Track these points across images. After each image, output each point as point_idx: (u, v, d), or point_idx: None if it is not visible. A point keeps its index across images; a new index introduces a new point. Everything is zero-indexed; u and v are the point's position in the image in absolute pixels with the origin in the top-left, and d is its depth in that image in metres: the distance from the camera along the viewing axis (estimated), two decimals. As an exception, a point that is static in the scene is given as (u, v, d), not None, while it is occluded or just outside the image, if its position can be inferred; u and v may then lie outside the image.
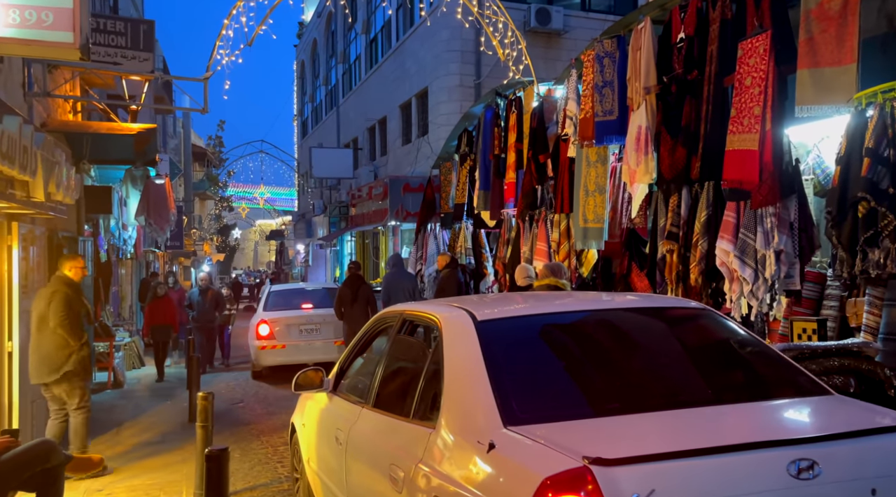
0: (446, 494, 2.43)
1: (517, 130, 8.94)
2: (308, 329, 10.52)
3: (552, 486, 2.01)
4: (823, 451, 2.21)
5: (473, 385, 2.64)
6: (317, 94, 33.11)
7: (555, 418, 2.45)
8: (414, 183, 16.32)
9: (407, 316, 3.58)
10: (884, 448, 2.32)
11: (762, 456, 2.17)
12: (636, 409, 2.55)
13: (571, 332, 3.12)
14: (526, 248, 8.17)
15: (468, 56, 16.51)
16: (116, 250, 13.14)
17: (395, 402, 3.20)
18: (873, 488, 2.21)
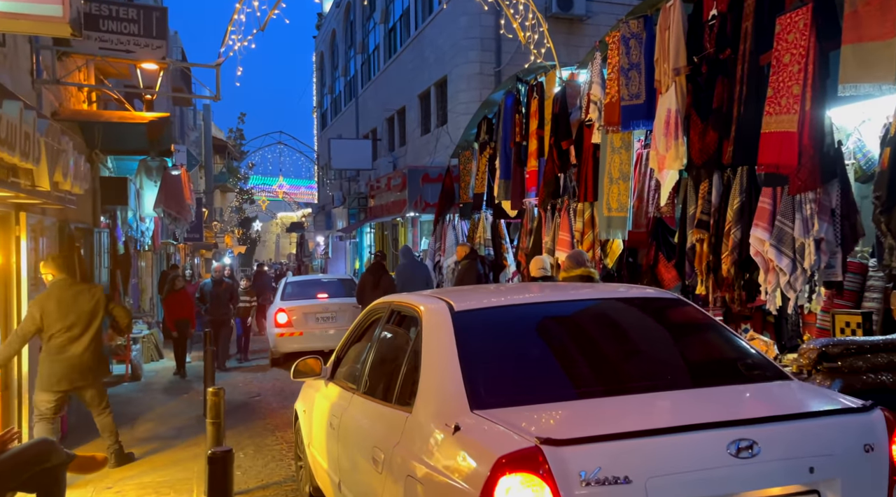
0: (418, 474, 2.60)
1: (539, 117, 8.65)
2: (324, 317, 10.92)
3: (507, 463, 2.21)
4: (763, 431, 2.36)
5: (446, 372, 2.80)
6: (336, 86, 32.97)
7: (518, 403, 2.63)
8: (433, 173, 16.07)
9: (395, 306, 3.73)
10: (822, 429, 2.46)
11: (703, 436, 2.33)
12: (594, 394, 2.75)
13: (539, 322, 3.27)
14: (548, 239, 7.90)
15: (487, 43, 16.19)
16: (134, 242, 13.09)
17: (381, 389, 3.38)
18: (811, 467, 2.36)
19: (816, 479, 2.38)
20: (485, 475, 2.23)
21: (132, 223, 12.37)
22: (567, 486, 2.18)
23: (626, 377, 2.94)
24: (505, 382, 2.83)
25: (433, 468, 2.54)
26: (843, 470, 2.41)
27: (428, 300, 3.37)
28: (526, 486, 2.19)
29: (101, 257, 9.86)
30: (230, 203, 45.15)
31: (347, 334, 4.40)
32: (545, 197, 8.02)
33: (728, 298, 5.41)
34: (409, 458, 2.71)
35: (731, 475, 2.30)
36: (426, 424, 2.73)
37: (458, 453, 2.46)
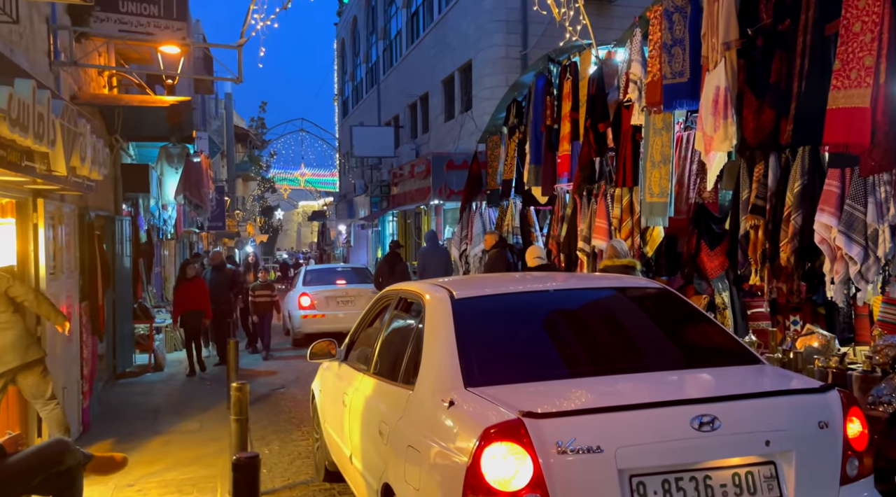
0: (417, 443, 2.89)
1: (572, 98, 8.27)
2: (344, 301, 12.00)
3: (493, 434, 2.49)
4: (724, 408, 2.60)
5: (444, 353, 3.08)
6: (357, 73, 32.64)
7: (507, 381, 2.90)
8: (458, 160, 15.72)
9: (403, 293, 4.02)
10: (779, 406, 2.70)
11: (668, 411, 2.58)
12: (575, 374, 3.03)
13: (532, 309, 3.53)
14: (584, 226, 7.54)
15: (514, 26, 15.74)
16: (157, 230, 12.94)
17: (388, 369, 3.65)
18: (767, 440, 2.59)
19: (772, 451, 2.61)
20: (474, 443, 2.52)
21: (154, 211, 12.20)
22: (545, 453, 2.46)
23: (606, 359, 3.24)
24: (496, 363, 3.11)
25: (430, 438, 2.83)
26: (798, 443, 2.64)
27: (431, 288, 3.63)
28: (509, 453, 2.48)
29: (122, 246, 9.68)
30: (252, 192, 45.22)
31: (360, 319, 4.72)
32: (580, 182, 7.65)
33: (786, 289, 5.02)
34: (410, 429, 3.02)
35: (694, 446, 2.55)
36: (425, 400, 3.02)
37: (452, 425, 2.76)
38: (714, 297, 7.36)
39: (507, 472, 2.47)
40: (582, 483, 2.49)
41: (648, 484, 2.52)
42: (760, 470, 2.61)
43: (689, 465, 2.56)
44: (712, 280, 7.35)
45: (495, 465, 2.48)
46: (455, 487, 2.55)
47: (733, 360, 3.20)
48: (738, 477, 2.58)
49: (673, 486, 2.54)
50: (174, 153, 10.88)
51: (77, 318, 6.41)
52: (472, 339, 3.13)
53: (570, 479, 2.48)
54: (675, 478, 2.54)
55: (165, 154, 10.86)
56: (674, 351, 3.38)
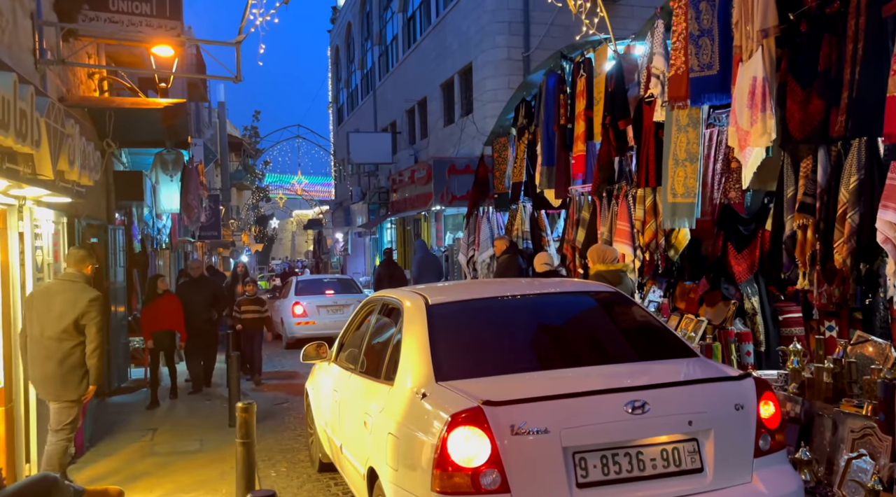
0: (395, 430, 3.30)
1: (587, 96, 7.90)
2: (332, 309, 13.05)
3: (457, 419, 2.88)
4: (653, 394, 3.02)
5: (419, 352, 3.50)
6: (352, 79, 32.30)
7: (472, 375, 3.31)
8: (460, 164, 15.36)
9: (385, 300, 4.45)
10: (701, 392, 3.14)
11: (606, 398, 3.00)
12: (531, 368, 3.49)
13: (497, 313, 3.90)
14: (604, 229, 7.15)
15: (516, 27, 15.42)
16: (151, 240, 12.50)
17: (373, 367, 4.04)
18: (690, 420, 3.01)
19: (694, 430, 3.03)
20: (442, 428, 2.91)
21: (148, 220, 11.78)
22: (501, 435, 2.85)
23: (558, 355, 3.69)
24: (463, 360, 3.52)
25: (406, 425, 3.23)
26: (717, 423, 3.05)
27: (409, 295, 4.08)
28: (471, 435, 2.86)
29: (116, 256, 9.25)
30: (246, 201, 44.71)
31: (348, 323, 5.18)
32: (600, 183, 7.27)
33: (840, 294, 4.64)
34: (390, 419, 3.41)
35: (628, 427, 2.95)
36: (403, 393, 3.42)
37: (424, 413, 3.15)
38: (743, 302, 6.98)
39: (469, 451, 2.87)
40: (532, 459, 2.89)
41: (589, 459, 2.94)
42: (684, 446, 3.04)
43: (624, 442, 2.97)
44: (740, 284, 6.98)
45: (459, 445, 2.88)
46: (427, 465, 2.96)
47: (669, 353, 3.66)
48: (665, 452, 3.01)
49: (610, 460, 2.95)
50: (169, 160, 10.45)
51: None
52: (443, 339, 3.57)
53: (522, 456, 2.88)
54: (612, 453, 2.96)
55: (160, 161, 10.43)
56: (618, 347, 3.87)
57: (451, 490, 2.88)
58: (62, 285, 4.89)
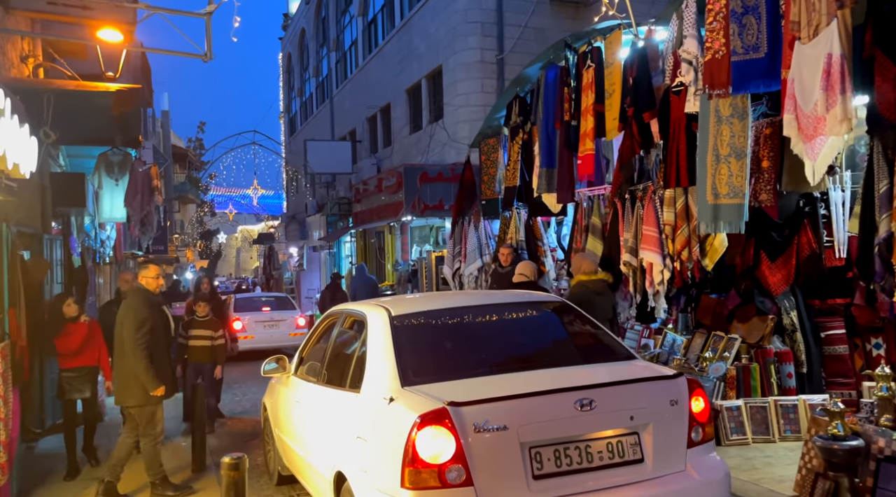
0: (364, 434, 3.57)
1: (596, 89, 7.15)
2: (269, 324, 14.25)
3: (424, 420, 3.14)
4: (599, 392, 3.38)
5: (384, 361, 3.76)
6: (306, 88, 31.12)
7: (436, 380, 3.57)
8: (432, 172, 14.47)
9: (347, 312, 4.67)
10: (640, 390, 3.51)
11: (558, 397, 3.33)
12: (490, 372, 3.72)
13: (456, 322, 4.16)
14: (628, 235, 6.36)
15: (489, 28, 14.71)
16: (92, 253, 11.13)
17: (337, 377, 4.22)
18: (631, 415, 3.38)
19: (635, 424, 3.38)
20: (409, 428, 3.15)
21: (89, 230, 10.44)
22: (464, 433, 3.12)
23: (514, 360, 3.91)
24: (426, 366, 3.74)
25: (375, 428, 3.51)
26: (654, 417, 3.42)
27: (372, 308, 4.26)
28: (437, 434, 3.11)
29: (52, 270, 7.98)
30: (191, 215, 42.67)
31: (308, 336, 5.30)
32: (621, 183, 6.49)
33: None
34: (358, 424, 3.66)
35: (577, 423, 3.29)
36: (370, 399, 3.65)
37: (392, 416, 3.38)
38: (781, 317, 6.28)
39: (436, 449, 3.07)
40: (493, 455, 3.12)
41: (543, 453, 3.19)
42: (627, 438, 3.33)
43: (574, 437, 3.24)
44: (777, 297, 6.28)
45: (427, 444, 3.07)
46: (397, 464, 3.13)
47: (612, 357, 4.00)
48: (610, 445, 3.29)
49: (562, 453, 3.21)
50: (115, 161, 9.19)
51: (-9, 367, 4.77)
52: (406, 348, 3.78)
53: (484, 452, 3.10)
54: (564, 447, 3.22)
55: (105, 162, 9.16)
56: (566, 351, 4.20)
57: (420, 485, 3.08)
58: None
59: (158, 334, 5.44)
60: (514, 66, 14.60)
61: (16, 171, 4.24)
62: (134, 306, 5.38)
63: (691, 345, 6.64)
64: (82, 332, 6.30)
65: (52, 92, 5.70)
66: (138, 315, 5.31)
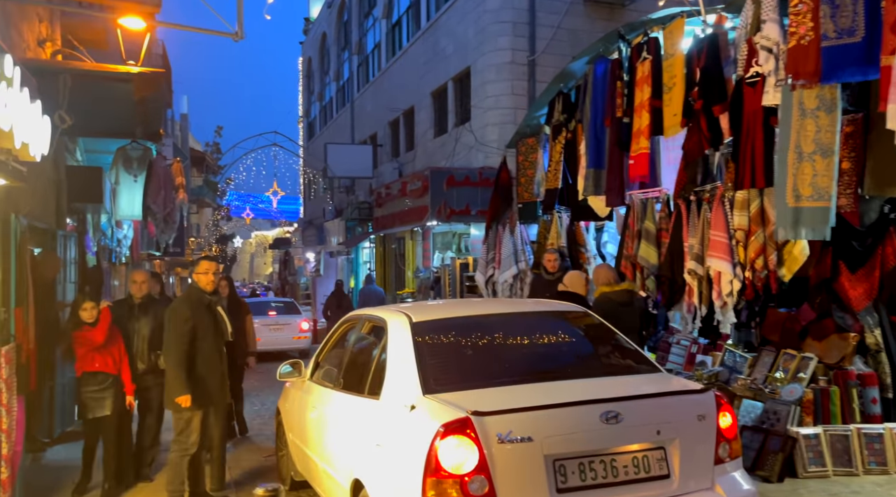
0: (384, 442, 3.50)
1: (653, 83, 6.61)
2: (275, 328, 14.54)
3: (446, 429, 3.07)
4: (626, 405, 3.29)
5: (405, 368, 3.68)
6: (326, 92, 30.79)
7: (458, 388, 3.48)
8: (459, 176, 13.95)
9: (366, 318, 4.67)
10: (667, 404, 3.46)
11: (583, 409, 3.24)
12: (513, 382, 3.62)
13: (477, 329, 4.07)
14: (694, 241, 5.78)
15: (521, 28, 14.20)
16: (108, 253, 10.70)
17: (355, 383, 4.20)
18: (658, 430, 3.30)
19: (662, 439, 3.30)
20: (431, 437, 3.08)
21: (106, 229, 10.01)
22: (488, 443, 3.05)
23: (537, 370, 3.87)
24: (448, 374, 3.68)
25: (395, 436, 3.44)
26: (681, 432, 3.34)
27: (392, 313, 4.25)
28: (459, 444, 3.04)
29: (66, 269, 7.52)
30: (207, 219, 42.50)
31: (325, 341, 5.21)
32: (686, 184, 5.93)
33: None
34: (377, 431, 3.62)
35: (602, 436, 3.21)
36: (391, 406, 3.60)
37: (413, 424, 3.31)
38: (864, 335, 5.66)
39: (458, 459, 3.05)
40: (517, 466, 3.09)
41: (568, 466, 3.16)
42: (653, 453, 3.30)
43: (599, 450, 3.21)
44: (859, 313, 5.68)
45: (449, 453, 3.05)
46: (417, 473, 3.10)
47: (637, 369, 3.90)
48: (636, 459, 3.26)
49: (587, 467, 3.18)
50: (134, 156, 8.75)
51: (-7, 372, 4.27)
52: (428, 355, 3.71)
53: (507, 463, 3.07)
54: (588, 460, 3.19)
55: (123, 157, 8.72)
56: (590, 362, 4.13)
57: (442, 496, 3.03)
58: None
59: (203, 337, 5.01)
60: (545, 67, 14.10)
61: (25, 153, 3.75)
62: (175, 306, 5.11)
63: (757, 363, 6.04)
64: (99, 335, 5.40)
65: (69, 72, 5.24)
66: (177, 314, 5.00)
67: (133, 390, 5.54)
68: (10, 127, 3.33)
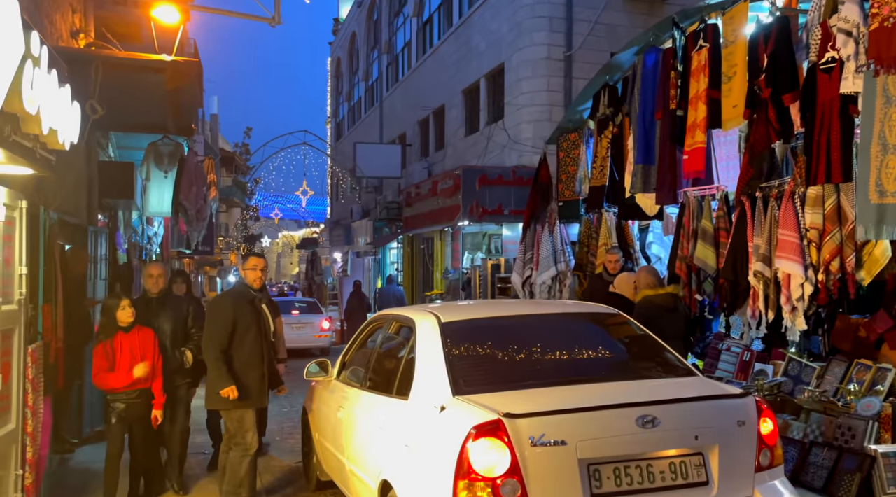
0: (413, 443, 3.47)
1: (710, 72, 6.20)
2: (298, 326, 15.05)
3: (478, 431, 3.03)
4: (663, 410, 3.20)
5: (435, 368, 3.64)
6: (354, 92, 30.68)
7: (488, 390, 3.44)
8: (492, 175, 13.62)
9: (394, 317, 4.65)
10: (706, 409, 3.38)
11: (619, 412, 3.19)
12: (545, 383, 3.58)
13: (508, 331, 4.09)
14: (760, 241, 5.36)
15: (557, 23, 13.83)
16: (139, 250, 10.55)
17: (382, 384, 4.18)
18: (696, 435, 3.24)
19: (700, 444, 3.24)
20: (462, 438, 3.04)
21: (137, 226, 9.85)
22: (520, 446, 3.00)
23: (570, 371, 3.81)
24: (479, 375, 3.64)
25: (425, 438, 3.40)
26: (721, 438, 3.26)
27: (420, 313, 4.19)
28: (491, 447, 3.00)
29: (96, 266, 7.34)
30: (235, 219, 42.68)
31: (352, 340, 5.17)
32: (751, 179, 5.52)
33: None
34: (406, 432, 3.57)
35: (638, 440, 3.14)
36: (420, 407, 3.56)
37: (444, 425, 3.28)
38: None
39: (490, 461, 2.99)
40: (550, 470, 3.03)
41: (603, 471, 3.09)
42: (691, 459, 3.22)
43: (635, 455, 3.14)
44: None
45: (480, 456, 3.00)
46: (447, 475, 3.06)
47: (672, 372, 3.87)
48: (673, 465, 3.18)
49: (622, 472, 3.11)
50: (165, 152, 8.55)
51: (17, 371, 4.03)
52: (457, 355, 3.70)
53: (540, 467, 3.01)
54: (624, 465, 3.12)
55: (154, 152, 8.54)
56: (624, 364, 4.11)
57: None
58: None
59: (244, 332, 4.88)
60: (582, 63, 13.73)
61: (53, 140, 3.50)
62: (217, 298, 5.16)
63: (826, 374, 5.60)
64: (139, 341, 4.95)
65: (100, 60, 5.01)
66: (218, 309, 4.96)
67: (163, 404, 5.06)
68: (37, 109, 3.07)
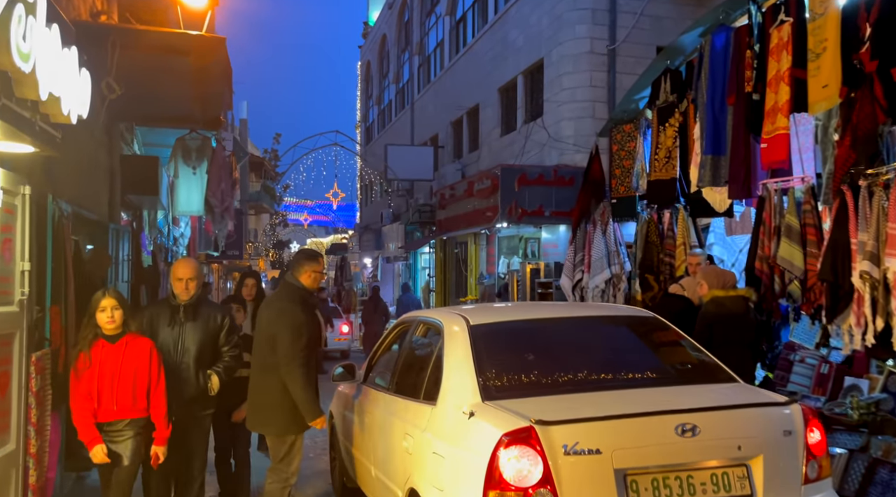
0: (441, 450, 3.34)
1: (794, 50, 5.49)
2: None
3: (509, 438, 2.93)
4: (703, 417, 3.07)
5: (463, 372, 3.53)
6: (385, 95, 30.30)
7: (519, 395, 3.34)
8: (532, 174, 12.96)
9: (421, 320, 4.53)
10: (750, 417, 3.22)
11: (656, 420, 3.04)
12: (578, 389, 3.48)
13: (539, 334, 3.98)
14: (866, 237, 4.64)
15: (600, 16, 13.17)
16: (164, 252, 10.11)
17: (409, 388, 4.04)
18: (739, 445, 3.08)
19: (744, 455, 3.08)
20: (492, 447, 2.94)
21: (162, 226, 9.42)
22: (553, 455, 2.89)
23: (604, 376, 3.65)
24: (509, 380, 3.51)
25: (453, 445, 3.27)
26: (766, 448, 3.10)
27: (448, 315, 4.12)
28: (522, 455, 2.89)
29: (118, 267, 6.88)
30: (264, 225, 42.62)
31: (377, 344, 5.16)
32: (853, 165, 4.80)
33: None
34: (434, 438, 3.43)
35: (678, 450, 3.00)
36: (448, 413, 3.44)
37: (473, 432, 3.17)
38: None
39: (521, 470, 2.89)
40: (584, 480, 2.91)
41: (640, 482, 2.95)
42: (734, 471, 3.06)
43: (675, 465, 3.00)
44: None
45: (511, 464, 2.90)
46: (476, 485, 2.95)
47: (712, 378, 3.69)
48: (715, 476, 3.03)
49: (661, 483, 2.97)
50: (193, 147, 8.13)
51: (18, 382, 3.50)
52: (487, 359, 3.57)
53: (574, 476, 2.89)
54: (663, 476, 2.98)
55: (182, 148, 8.11)
56: (662, 369, 3.93)
57: None
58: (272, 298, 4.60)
59: (314, 347, 4.35)
60: (626, 57, 13.04)
61: (55, 109, 2.97)
62: (288, 309, 4.17)
63: (937, 389, 4.86)
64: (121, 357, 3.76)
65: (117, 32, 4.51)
66: (295, 320, 4.15)
67: (166, 438, 3.90)
68: (33, 67, 2.53)
